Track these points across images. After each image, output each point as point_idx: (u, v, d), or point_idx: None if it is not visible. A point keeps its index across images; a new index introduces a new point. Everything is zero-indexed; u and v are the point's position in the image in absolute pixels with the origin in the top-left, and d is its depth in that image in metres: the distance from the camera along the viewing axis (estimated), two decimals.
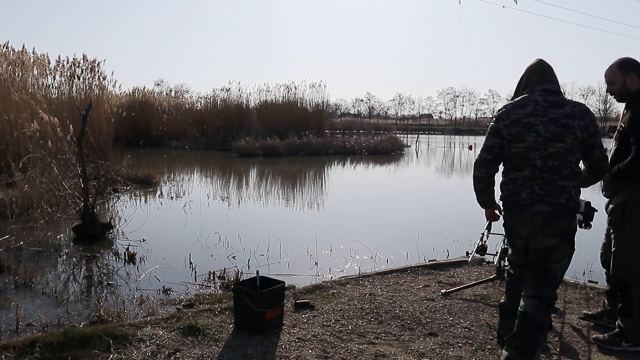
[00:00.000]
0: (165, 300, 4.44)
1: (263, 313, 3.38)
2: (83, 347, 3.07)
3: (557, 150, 2.67)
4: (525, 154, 2.72)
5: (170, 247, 6.45)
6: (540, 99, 2.75)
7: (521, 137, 2.72)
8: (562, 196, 2.68)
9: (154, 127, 26.84)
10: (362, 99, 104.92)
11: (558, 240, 2.67)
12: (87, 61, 14.98)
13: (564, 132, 2.67)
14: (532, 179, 2.71)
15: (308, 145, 23.32)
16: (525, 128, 2.71)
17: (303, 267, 5.57)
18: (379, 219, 8.74)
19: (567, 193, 2.68)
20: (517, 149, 2.75)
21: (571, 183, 2.70)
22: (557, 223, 2.68)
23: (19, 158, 8.71)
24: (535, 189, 2.70)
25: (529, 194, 2.71)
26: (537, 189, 2.69)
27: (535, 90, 2.79)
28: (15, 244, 6.04)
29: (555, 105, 2.72)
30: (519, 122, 2.73)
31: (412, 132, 59.63)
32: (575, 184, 2.73)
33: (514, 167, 2.78)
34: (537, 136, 2.69)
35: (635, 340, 3.20)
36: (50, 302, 4.32)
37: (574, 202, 2.71)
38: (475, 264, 5.29)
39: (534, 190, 2.70)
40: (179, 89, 57.90)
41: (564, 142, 2.67)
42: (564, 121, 2.67)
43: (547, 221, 2.67)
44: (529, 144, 2.70)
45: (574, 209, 2.74)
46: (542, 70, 2.85)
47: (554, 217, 2.68)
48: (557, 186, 2.68)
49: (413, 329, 3.57)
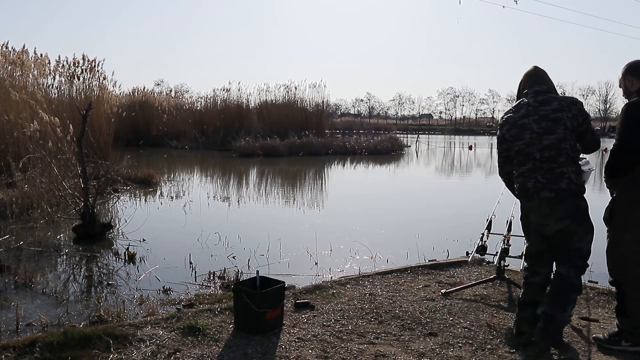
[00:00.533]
0: (165, 300, 4.43)
1: (263, 313, 3.38)
2: (83, 347, 3.06)
3: (550, 142, 3.06)
4: (525, 150, 3.15)
5: (170, 247, 6.45)
6: (531, 100, 3.19)
7: (519, 136, 3.17)
8: (562, 181, 3.04)
9: (154, 127, 26.84)
10: (362, 99, 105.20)
11: (569, 222, 3.04)
12: (87, 61, 14.98)
13: (555, 125, 3.06)
14: (535, 170, 3.11)
15: (308, 145, 23.32)
16: (521, 128, 3.17)
17: (303, 267, 5.57)
18: (379, 219, 8.74)
19: (567, 178, 3.05)
20: (518, 147, 3.19)
21: (569, 168, 3.07)
22: (563, 206, 3.04)
23: (19, 158, 8.71)
24: (539, 178, 3.09)
25: (534, 183, 3.11)
26: (540, 178, 3.09)
27: (528, 93, 3.24)
28: (15, 244, 6.04)
29: (544, 103, 3.13)
30: (515, 125, 3.20)
31: (412, 132, 59.65)
32: (574, 168, 3.09)
33: (519, 163, 3.22)
34: (532, 133, 3.12)
35: (634, 339, 3.20)
36: (50, 302, 4.32)
37: (575, 184, 3.06)
38: (475, 264, 5.28)
39: (538, 179, 3.09)
40: (179, 89, 58.01)
41: (556, 134, 3.06)
42: (553, 115, 3.07)
43: (553, 205, 3.05)
44: (526, 140, 3.14)
45: (577, 191, 3.08)
46: (535, 75, 3.30)
47: (559, 201, 3.04)
48: (556, 173, 3.05)
49: (413, 329, 3.57)
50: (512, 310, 3.95)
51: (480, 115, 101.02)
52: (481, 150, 35.04)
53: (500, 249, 4.29)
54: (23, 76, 12.95)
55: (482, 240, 4.41)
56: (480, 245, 4.41)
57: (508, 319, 3.77)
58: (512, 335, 3.38)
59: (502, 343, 3.34)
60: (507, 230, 4.42)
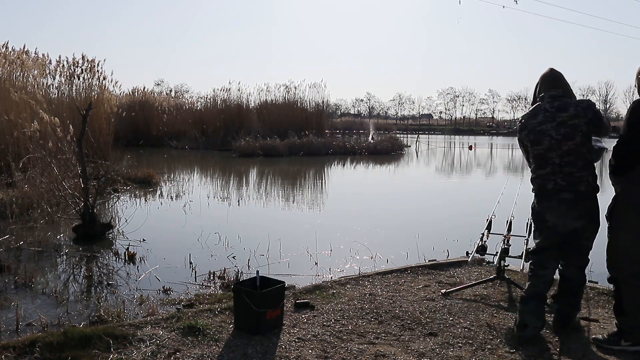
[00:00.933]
0: (165, 300, 4.44)
1: (263, 313, 3.38)
2: (83, 347, 3.06)
3: (570, 148, 3.25)
4: (544, 155, 3.33)
5: (170, 247, 6.45)
6: (548, 106, 3.34)
7: (538, 141, 3.35)
8: (581, 184, 3.26)
9: (154, 127, 26.84)
10: (362, 99, 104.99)
11: (585, 222, 3.28)
12: (87, 61, 14.98)
13: (573, 132, 3.24)
14: (554, 174, 3.29)
15: (308, 145, 23.32)
16: (540, 134, 3.33)
17: (303, 267, 5.57)
18: (379, 219, 8.74)
19: (585, 181, 3.26)
20: (537, 151, 3.37)
21: (587, 172, 3.27)
22: (580, 207, 3.26)
23: (19, 158, 8.71)
24: (558, 180, 3.28)
25: (554, 185, 3.29)
26: (559, 180, 3.28)
27: (545, 98, 3.39)
28: (15, 244, 6.04)
29: (561, 109, 3.29)
30: (534, 131, 3.37)
31: (412, 132, 59.64)
32: (591, 171, 3.30)
33: (538, 166, 3.38)
34: (550, 139, 3.29)
35: (633, 338, 3.20)
36: (50, 302, 4.33)
37: (592, 187, 3.28)
38: (475, 264, 5.28)
39: (557, 182, 3.28)
40: (179, 89, 57.96)
41: (574, 139, 3.24)
42: (570, 122, 3.24)
43: (571, 206, 3.25)
44: (545, 146, 3.31)
45: (593, 193, 3.30)
46: (551, 78, 3.43)
47: (577, 202, 3.26)
48: (576, 177, 3.25)
49: (413, 329, 3.57)
50: (512, 310, 3.96)
51: (480, 115, 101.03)
52: (481, 150, 35.06)
53: (500, 249, 4.29)
54: (23, 76, 12.96)
55: (482, 240, 4.41)
56: (480, 245, 4.40)
57: (508, 319, 3.77)
58: (514, 330, 3.41)
59: (502, 343, 3.34)
60: (507, 230, 4.42)
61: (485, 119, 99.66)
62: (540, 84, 3.46)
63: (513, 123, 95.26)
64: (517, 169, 20.64)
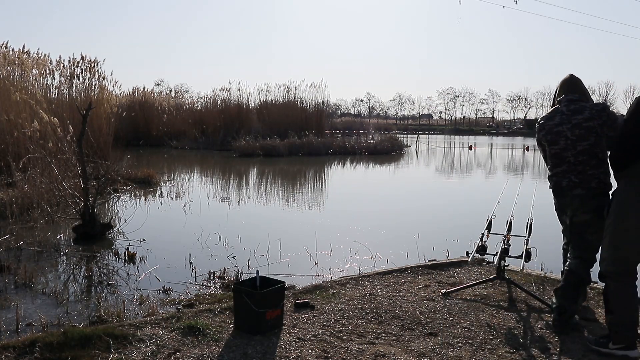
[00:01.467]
0: (165, 300, 4.43)
1: (263, 313, 3.38)
2: (83, 347, 3.07)
3: (584, 148, 3.49)
4: (560, 154, 3.59)
5: (170, 247, 6.45)
6: (564, 109, 3.61)
7: (555, 141, 3.61)
8: (593, 181, 3.49)
9: (154, 127, 26.84)
10: (362, 99, 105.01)
11: (593, 216, 3.46)
12: (86, 61, 14.98)
13: (587, 133, 3.48)
14: (569, 172, 3.56)
15: (308, 145, 23.32)
16: (556, 135, 3.60)
17: (303, 267, 5.57)
18: (379, 219, 8.74)
19: (597, 178, 3.49)
20: (554, 150, 3.63)
21: (599, 170, 3.49)
22: (591, 202, 3.48)
23: (19, 158, 8.71)
24: (572, 178, 3.54)
25: (568, 182, 3.56)
26: (573, 178, 3.54)
27: (562, 101, 3.65)
28: (15, 244, 6.04)
29: (576, 112, 3.54)
30: (551, 132, 3.63)
31: (412, 132, 59.63)
32: (604, 169, 3.50)
33: (554, 164, 3.67)
34: (566, 140, 3.54)
35: (619, 339, 3.13)
36: (50, 302, 4.32)
37: (604, 184, 3.50)
38: (475, 264, 5.28)
39: (571, 179, 3.54)
40: (179, 89, 57.91)
41: (589, 140, 3.48)
42: (585, 124, 3.48)
43: (583, 201, 3.50)
44: (561, 146, 3.58)
45: (605, 190, 3.50)
46: (570, 83, 3.70)
47: (589, 197, 3.49)
48: (588, 175, 3.50)
49: (413, 329, 3.57)
50: (512, 310, 3.96)
51: (480, 115, 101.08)
52: (481, 150, 35.06)
53: (500, 249, 4.28)
54: (23, 76, 12.96)
55: (482, 240, 4.41)
56: (480, 245, 4.40)
57: (508, 319, 3.78)
58: (553, 314, 3.61)
59: (502, 343, 3.34)
60: (507, 230, 4.41)
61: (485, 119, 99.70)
62: (559, 88, 3.73)
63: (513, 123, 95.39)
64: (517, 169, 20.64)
